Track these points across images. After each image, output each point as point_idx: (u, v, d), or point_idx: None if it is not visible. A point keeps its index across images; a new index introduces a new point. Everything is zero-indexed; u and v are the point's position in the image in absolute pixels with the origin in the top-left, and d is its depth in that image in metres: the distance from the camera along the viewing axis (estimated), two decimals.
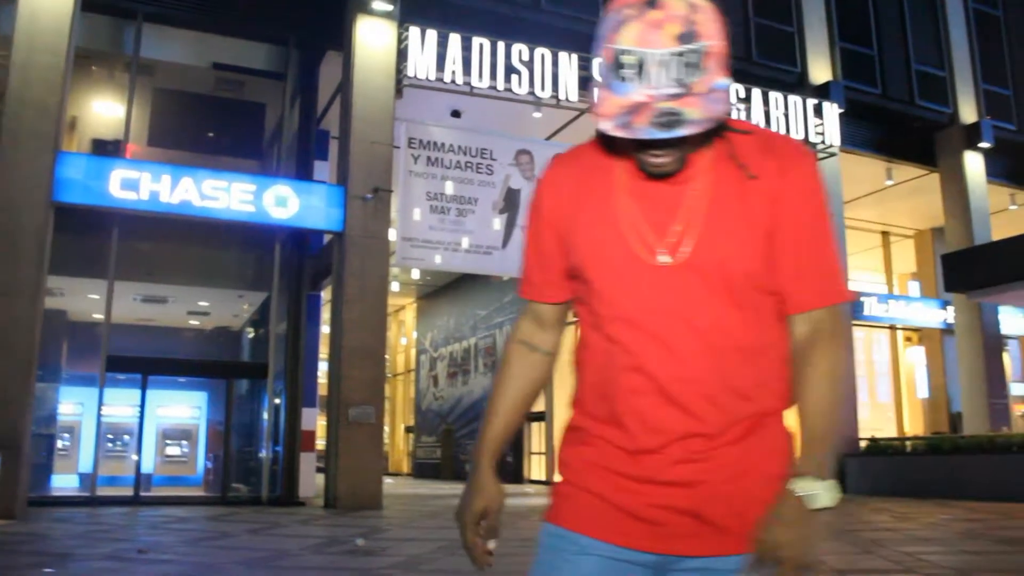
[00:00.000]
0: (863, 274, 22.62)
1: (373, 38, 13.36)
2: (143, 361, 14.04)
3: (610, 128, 1.25)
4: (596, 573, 1.41)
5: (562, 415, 20.99)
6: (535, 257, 1.58)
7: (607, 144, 1.46)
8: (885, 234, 23.14)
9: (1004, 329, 19.76)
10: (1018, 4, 21.68)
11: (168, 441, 18.01)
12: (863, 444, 16.41)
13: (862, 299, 20.09)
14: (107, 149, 13.42)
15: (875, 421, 21.95)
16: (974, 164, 19.04)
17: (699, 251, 1.37)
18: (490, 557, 1.52)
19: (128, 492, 13.71)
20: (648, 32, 1.24)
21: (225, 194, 12.69)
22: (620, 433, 1.41)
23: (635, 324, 1.40)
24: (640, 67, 1.24)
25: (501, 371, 1.62)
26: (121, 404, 15.12)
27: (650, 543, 1.38)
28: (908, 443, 16.51)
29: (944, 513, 11.10)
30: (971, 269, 16.74)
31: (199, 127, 15.46)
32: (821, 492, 1.31)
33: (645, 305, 1.40)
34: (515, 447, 22.90)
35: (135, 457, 14.35)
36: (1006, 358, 21.69)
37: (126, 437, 16.11)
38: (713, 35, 1.27)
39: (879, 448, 16.08)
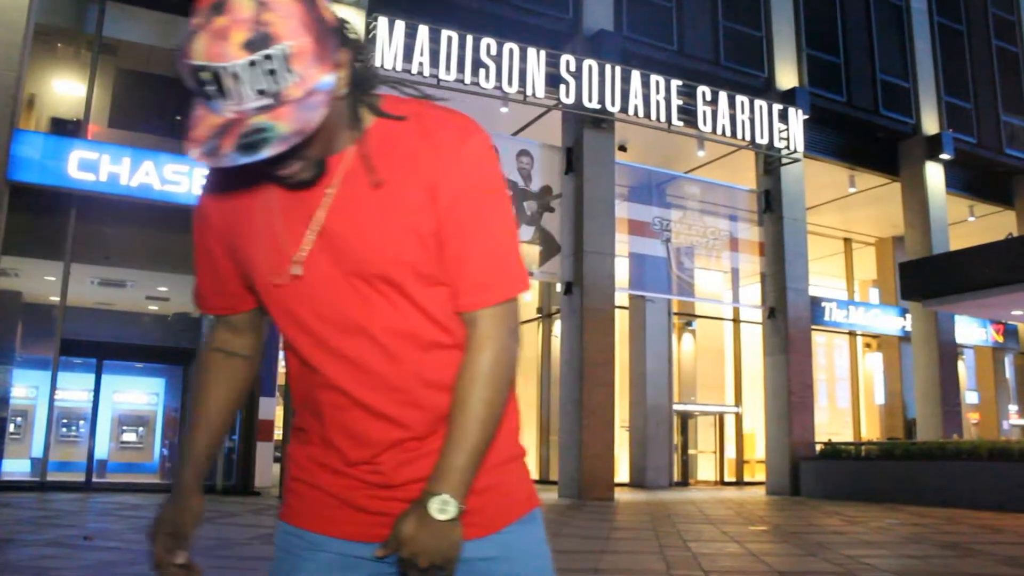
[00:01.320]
0: (825, 280, 22.89)
1: None
2: (98, 346, 13.86)
3: (196, 156, 1.11)
4: (331, 569, 1.39)
5: (523, 412, 21.06)
6: (208, 271, 1.46)
7: None
8: (847, 241, 23.45)
9: (959, 338, 20.09)
10: (981, 20, 22.04)
11: (124, 427, 17.77)
12: (819, 448, 16.61)
13: (823, 304, 20.33)
14: (67, 129, 13.20)
15: (833, 426, 22.26)
16: (935, 175, 19.34)
17: (325, 260, 1.30)
18: (182, 571, 1.41)
19: (80, 478, 13.52)
20: (215, 43, 1.08)
21: (187, 179, 12.56)
22: (332, 451, 1.37)
23: (314, 341, 1.34)
24: (218, 82, 1.10)
25: (200, 381, 1.51)
26: (75, 389, 14.91)
27: (382, 534, 1.33)
28: (862, 448, 16.74)
29: (893, 517, 11.27)
30: (928, 278, 17.00)
31: (163, 110, 15.26)
32: (451, 506, 1.26)
33: (309, 321, 1.34)
34: None
35: (89, 443, 14.16)
36: (961, 367, 22.09)
37: (80, 423, 15.88)
38: (294, 33, 1.11)
39: (834, 452, 16.28)
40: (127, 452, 17.68)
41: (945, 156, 19.16)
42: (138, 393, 18.17)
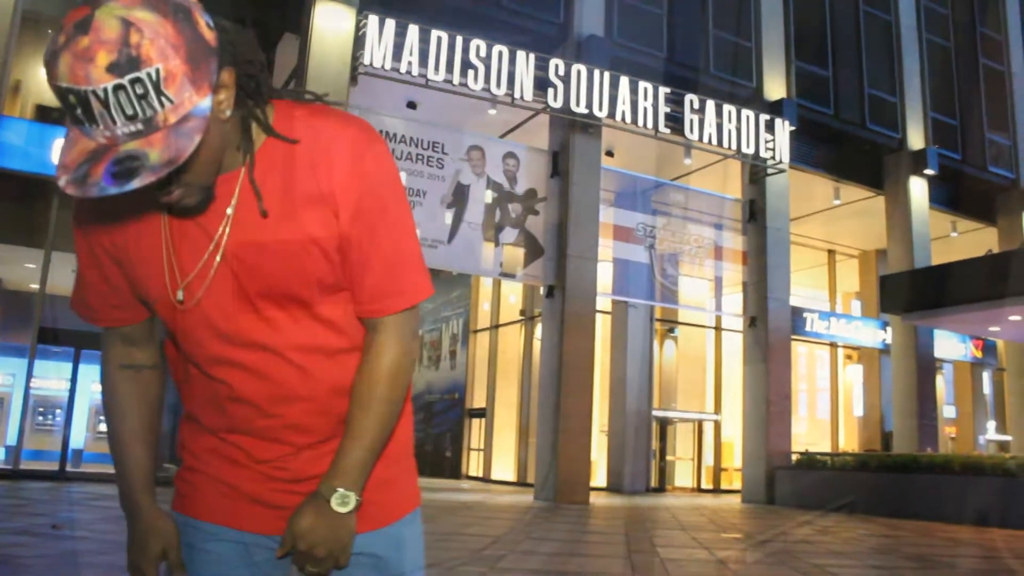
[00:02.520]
0: (808, 291, 23.01)
1: (331, 23, 13.27)
2: (77, 335, 13.78)
3: (64, 184, 1.04)
4: (230, 560, 1.41)
5: (503, 414, 21.14)
6: (100, 284, 1.39)
7: None
8: (831, 252, 23.57)
9: (939, 353, 20.22)
10: (969, 38, 22.22)
11: (101, 417, 17.66)
12: (795, 458, 16.69)
13: (805, 315, 20.43)
14: (52, 116, 13.15)
15: (812, 436, 22.37)
16: (919, 190, 19.47)
17: (229, 282, 1.29)
18: None
19: (54, 467, 13.45)
20: (79, 64, 1.01)
21: None
22: (236, 448, 1.38)
23: (216, 358, 1.33)
24: (85, 106, 1.02)
25: (114, 404, 1.45)
26: (53, 377, 14.84)
27: (280, 527, 1.35)
28: (838, 459, 16.83)
29: (864, 528, 11.34)
30: (908, 292, 17.12)
31: None
32: (351, 500, 1.30)
33: (211, 341, 1.32)
34: (454, 443, 22.92)
35: (65, 432, 14.08)
36: (940, 381, 22.25)
37: (57, 411, 15.81)
38: (164, 55, 1.04)
39: (811, 462, 16.36)
40: (104, 442, 17.52)
41: (929, 171, 19.29)
42: None
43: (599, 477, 18.54)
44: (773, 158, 16.54)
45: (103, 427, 12.98)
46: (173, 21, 1.05)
